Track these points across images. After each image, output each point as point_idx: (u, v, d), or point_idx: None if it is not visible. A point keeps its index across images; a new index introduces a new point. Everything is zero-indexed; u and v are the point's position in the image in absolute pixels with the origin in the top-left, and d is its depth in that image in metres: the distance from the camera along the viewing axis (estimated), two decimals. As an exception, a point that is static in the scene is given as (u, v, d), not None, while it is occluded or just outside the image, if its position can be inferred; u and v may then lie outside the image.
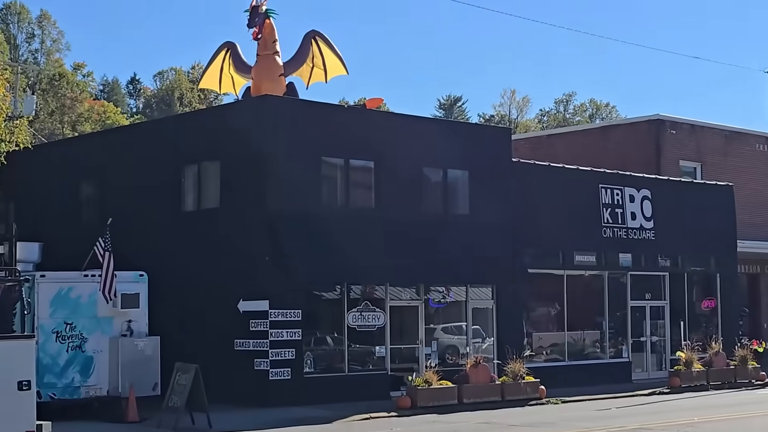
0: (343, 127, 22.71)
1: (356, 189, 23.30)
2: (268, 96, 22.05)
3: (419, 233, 23.10)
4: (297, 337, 20.58)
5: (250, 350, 20.47)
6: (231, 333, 20.68)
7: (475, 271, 24.50)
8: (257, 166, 21.35)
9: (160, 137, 25.13)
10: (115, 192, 24.37)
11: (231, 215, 21.64)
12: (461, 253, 23.89)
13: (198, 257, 21.85)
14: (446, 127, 32.68)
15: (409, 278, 23.40)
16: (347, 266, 21.84)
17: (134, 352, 19.14)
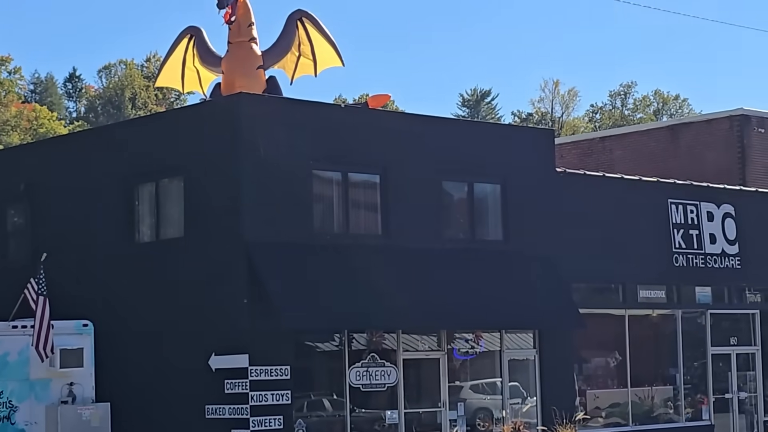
0: (341, 131, 22.50)
1: (358, 210, 22.78)
2: (243, 94, 21.79)
3: (439, 266, 22.83)
4: (285, 401, 20.31)
5: (226, 419, 20.18)
6: (201, 397, 20.41)
7: (512, 312, 24.12)
8: (231, 184, 21.01)
9: (108, 149, 24.74)
10: (51, 219, 24.32)
11: (198, 247, 21.27)
12: (494, 291, 23.72)
13: (157, 300, 21.55)
14: (472, 130, 32.48)
15: (428, 323, 22.86)
16: (348, 309, 21.49)
17: (78, 424, 18.72)
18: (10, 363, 18.90)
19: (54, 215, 24.53)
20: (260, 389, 19.88)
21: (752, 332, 29.96)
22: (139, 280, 22.24)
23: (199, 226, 21.57)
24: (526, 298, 24.38)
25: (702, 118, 43.34)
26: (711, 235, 28.70)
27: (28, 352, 18.95)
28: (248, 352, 19.86)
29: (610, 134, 49.17)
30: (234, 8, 23.32)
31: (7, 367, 18.95)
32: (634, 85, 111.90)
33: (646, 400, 27.30)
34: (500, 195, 24.66)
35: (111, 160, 24.01)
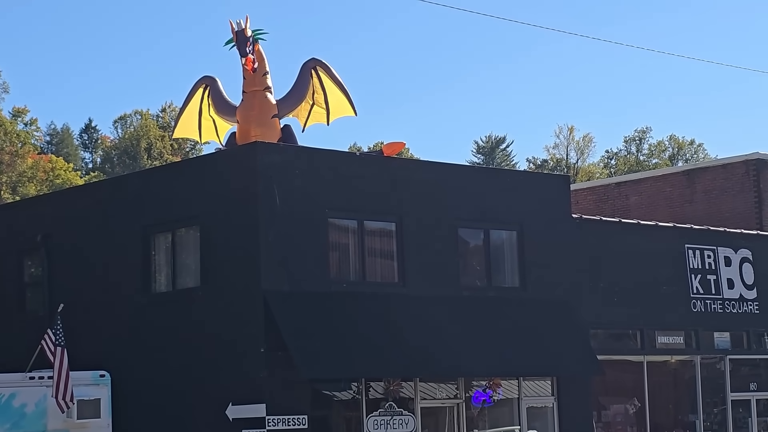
0: (356, 179, 22.76)
1: (374, 258, 22.71)
2: (258, 143, 21.95)
3: (456, 313, 22.95)
4: None
5: None
6: None
7: (530, 359, 24.25)
8: (248, 233, 21.16)
9: (124, 198, 25.01)
10: (68, 270, 24.41)
11: (215, 296, 21.37)
12: (511, 338, 23.84)
13: (174, 351, 21.68)
14: (487, 177, 32.18)
15: (446, 371, 22.92)
16: (365, 358, 21.77)
17: None
18: (27, 414, 18.96)
19: (71, 266, 24.68)
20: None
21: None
22: (156, 330, 22.23)
23: (215, 276, 21.78)
24: (543, 344, 24.43)
25: (718, 162, 43.33)
26: (729, 280, 28.70)
27: (45, 404, 18.97)
28: (265, 401, 19.82)
29: (626, 180, 49.54)
30: (255, 55, 23.84)
31: (25, 418, 19.05)
32: (649, 131, 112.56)
33: None
34: (516, 241, 24.74)
35: (127, 210, 24.11)
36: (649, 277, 27.07)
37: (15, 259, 27.15)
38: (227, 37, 23.92)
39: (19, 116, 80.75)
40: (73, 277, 24.48)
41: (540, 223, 25.07)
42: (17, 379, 19.48)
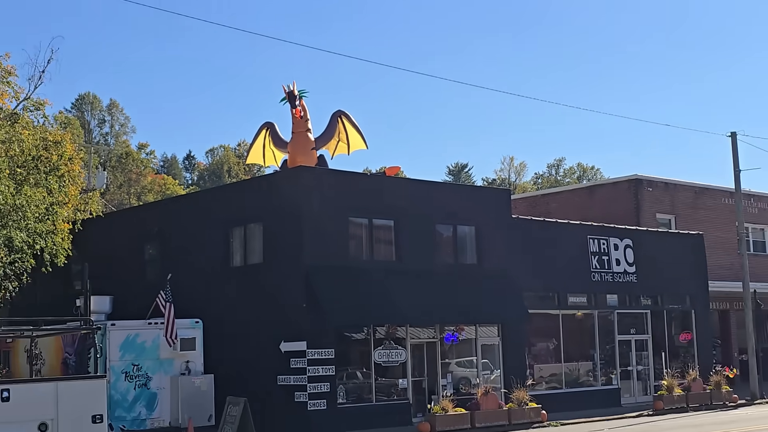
0: (367, 191, 23.06)
1: (379, 244, 23.38)
2: (302, 167, 22.31)
3: (434, 281, 23.20)
4: (331, 373, 20.79)
5: (291, 385, 20.63)
6: (274, 370, 20.81)
7: (484, 312, 24.57)
8: (294, 227, 21.42)
9: (212, 203, 25.49)
10: (174, 251, 24.67)
11: (272, 269, 21.85)
12: (471, 297, 24.02)
13: (245, 306, 21.98)
14: (455, 190, 32.63)
15: (427, 319, 23.35)
16: (373, 311, 22.04)
17: (192, 389, 19.40)
18: (146, 348, 19.32)
19: (176, 248, 24.65)
20: (314, 365, 20.18)
21: (645, 325, 29.59)
22: (233, 291, 22.30)
23: (273, 255, 21.88)
24: (492, 302, 24.30)
25: (609, 181, 43.29)
26: (617, 260, 28.56)
27: (158, 341, 19.33)
28: (306, 339, 20.13)
29: (548, 192, 49.44)
30: (302, 107, 24.11)
31: (145, 350, 19.38)
32: (564, 160, 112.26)
33: (574, 371, 27.23)
34: (475, 234, 24.72)
35: (214, 211, 24.23)
36: (563, 258, 26.99)
37: (138, 245, 27.14)
38: (281, 96, 23.67)
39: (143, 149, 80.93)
40: (177, 256, 24.40)
41: (490, 221, 24.97)
42: (140, 324, 19.77)
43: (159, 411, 19.44)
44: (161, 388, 19.43)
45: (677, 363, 29.69)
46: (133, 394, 19.04)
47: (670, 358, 30.08)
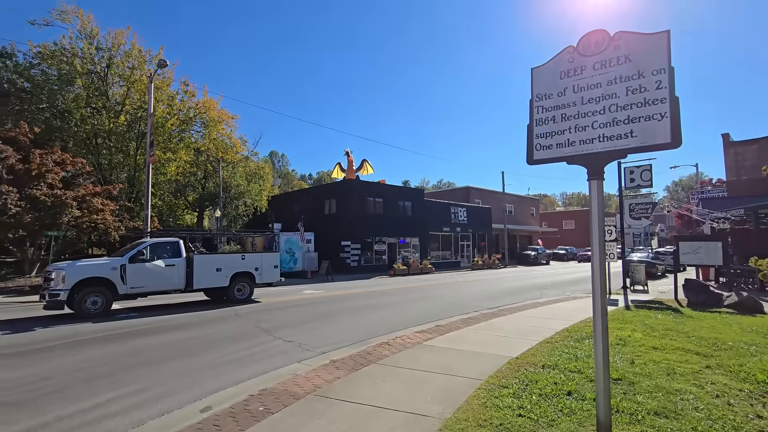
0: (374, 188, 28.63)
1: (377, 206, 28.31)
2: (351, 179, 28.44)
3: (394, 220, 29.63)
4: (358, 252, 27.29)
5: (345, 256, 26.97)
6: (339, 251, 27.22)
7: (413, 232, 30.31)
8: (347, 201, 27.74)
9: (319, 191, 31.24)
10: (306, 209, 30.30)
11: (339, 216, 27.62)
12: (408, 229, 30.37)
13: (329, 228, 27.71)
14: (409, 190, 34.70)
15: (393, 234, 28.81)
16: (374, 231, 28.21)
17: (309, 257, 24.86)
18: (294, 242, 25.72)
19: (307, 208, 30.58)
20: (352, 250, 28.34)
21: (468, 238, 38.10)
22: (326, 224, 28.84)
23: (339, 211, 27.99)
24: (416, 229, 30.84)
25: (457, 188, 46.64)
26: (461, 217, 36.37)
27: (298, 239, 25.73)
28: (350, 240, 27.77)
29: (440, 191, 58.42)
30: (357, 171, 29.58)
31: (294, 243, 25.69)
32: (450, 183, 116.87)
33: (445, 255, 35.94)
34: (411, 206, 31.27)
35: (320, 193, 30.58)
36: (442, 213, 35.57)
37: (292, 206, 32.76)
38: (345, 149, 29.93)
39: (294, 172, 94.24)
40: (307, 210, 30.29)
41: (417, 201, 32.81)
42: (293, 234, 26.16)
43: (298, 265, 24.48)
44: (299, 257, 24.78)
45: (481, 252, 36.58)
46: (288, 259, 24.37)
47: (479, 250, 36.51)
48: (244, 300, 12.63)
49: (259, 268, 13.29)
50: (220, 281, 12.26)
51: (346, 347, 7.07)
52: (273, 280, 13.57)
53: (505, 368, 5.45)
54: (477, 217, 37.64)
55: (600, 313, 3.29)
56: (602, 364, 3.28)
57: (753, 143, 23.11)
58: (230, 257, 12.68)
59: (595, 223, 3.40)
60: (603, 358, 3.28)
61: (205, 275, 11.95)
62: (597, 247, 3.32)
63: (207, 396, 4.90)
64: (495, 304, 12.17)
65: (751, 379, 4.99)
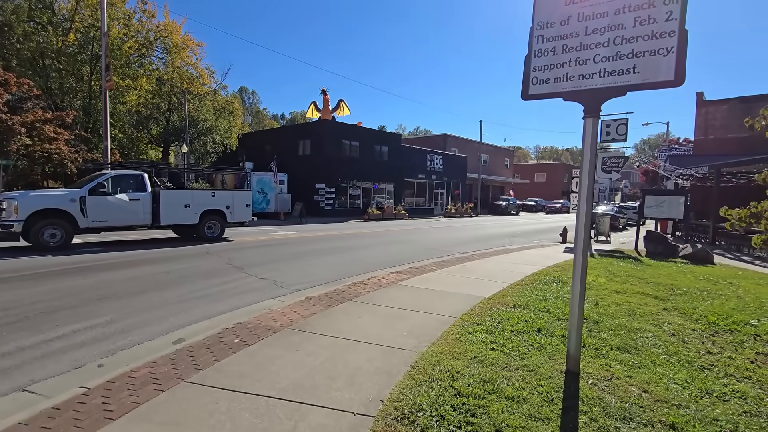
0: (350, 131, 28.14)
1: (353, 149, 27.99)
2: (326, 120, 27.68)
3: (371, 162, 29.25)
4: (333, 195, 26.97)
5: (319, 199, 26.47)
6: (312, 193, 26.74)
7: (387, 177, 30.21)
8: (322, 141, 27.05)
9: (294, 130, 30.85)
10: (279, 148, 29.51)
11: (313, 158, 27.08)
12: (384, 172, 30.11)
13: (303, 169, 27.16)
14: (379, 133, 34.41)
15: (368, 178, 28.88)
16: (350, 173, 28.00)
17: (282, 198, 24.23)
18: (266, 182, 24.98)
19: (280, 147, 29.79)
20: (326, 193, 27.94)
21: (443, 186, 37.96)
22: (302, 164, 27.73)
23: (313, 152, 27.72)
24: (391, 174, 31.19)
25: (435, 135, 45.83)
26: (437, 164, 36.05)
27: (271, 180, 25.00)
28: (324, 183, 27.10)
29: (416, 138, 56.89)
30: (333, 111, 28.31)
31: (266, 183, 25.04)
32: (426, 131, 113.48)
33: (420, 203, 36.86)
34: (387, 150, 30.83)
35: (294, 133, 29.76)
36: (419, 161, 35.63)
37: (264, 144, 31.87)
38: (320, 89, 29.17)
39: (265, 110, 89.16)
40: (281, 149, 29.14)
41: (392, 146, 32.09)
42: (264, 174, 25.58)
43: (270, 206, 23.93)
44: (271, 197, 24.14)
45: (455, 200, 36.66)
46: (261, 199, 23.72)
47: (452, 198, 36.64)
48: (214, 238, 12.35)
49: (231, 207, 12.88)
50: (189, 218, 11.84)
51: (321, 285, 6.99)
52: (245, 219, 13.16)
53: (478, 307, 5.54)
54: (453, 165, 37.43)
55: (581, 254, 3.39)
56: (578, 300, 3.43)
57: (724, 103, 23.47)
58: (199, 193, 12.21)
59: (586, 165, 3.34)
60: (579, 298, 3.42)
61: (173, 211, 11.51)
62: (585, 188, 3.28)
63: (179, 329, 4.78)
64: (467, 249, 12.32)
65: (703, 320, 5.33)
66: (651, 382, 3.47)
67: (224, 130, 30.63)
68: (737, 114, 23.42)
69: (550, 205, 45.94)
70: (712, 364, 3.95)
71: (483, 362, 3.71)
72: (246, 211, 13.06)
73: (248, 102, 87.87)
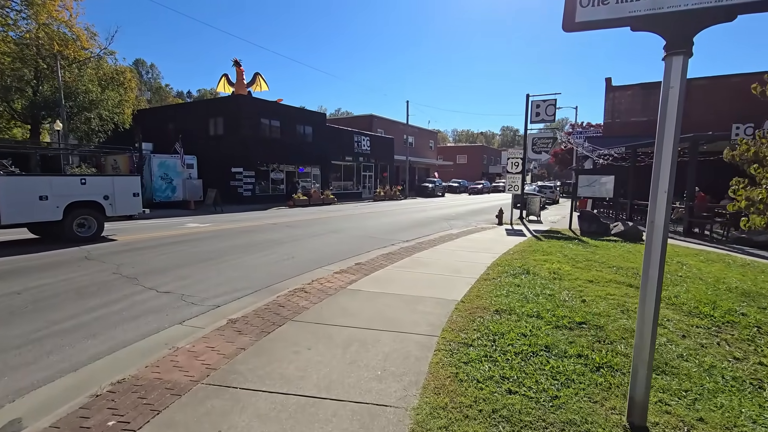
0: (270, 108, 26.08)
1: (274, 130, 25.82)
2: (241, 95, 25.35)
3: (294, 144, 26.70)
4: (252, 180, 24.66)
5: (236, 184, 24.25)
6: (228, 178, 24.55)
7: (314, 160, 28.89)
8: (239, 120, 24.64)
9: (203, 107, 27.28)
10: (185, 126, 27.07)
11: (228, 138, 24.79)
12: (309, 154, 28.73)
13: (215, 152, 24.95)
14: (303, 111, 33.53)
15: (292, 161, 27.10)
16: (270, 155, 25.61)
17: (192, 184, 22.30)
18: (171, 166, 22.58)
19: (186, 125, 27.21)
20: (246, 177, 25.98)
21: (370, 169, 36.99)
22: (211, 146, 25.58)
23: (228, 131, 25.05)
24: (317, 157, 29.95)
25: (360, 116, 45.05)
26: (364, 145, 35.13)
27: (177, 163, 22.67)
28: (242, 167, 25.24)
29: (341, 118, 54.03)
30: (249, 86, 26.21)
31: (170, 168, 22.65)
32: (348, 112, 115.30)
33: (347, 185, 35.36)
34: (312, 131, 29.38)
35: (204, 110, 26.63)
36: (347, 141, 34.64)
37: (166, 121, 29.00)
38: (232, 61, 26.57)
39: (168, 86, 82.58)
40: (187, 128, 26.50)
41: (319, 127, 30.73)
42: (167, 156, 22.84)
43: (177, 194, 21.95)
44: (179, 184, 22.05)
45: (384, 182, 36.16)
46: (165, 186, 21.80)
47: (381, 181, 36.31)
48: (89, 238, 10.28)
49: (110, 197, 10.82)
50: (48, 213, 9.62)
51: (247, 296, 5.65)
52: (133, 211, 11.22)
53: (456, 316, 4.68)
54: (380, 147, 36.81)
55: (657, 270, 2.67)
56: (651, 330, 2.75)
57: (628, 89, 25.35)
58: (60, 180, 9.98)
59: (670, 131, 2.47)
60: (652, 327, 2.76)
61: (21, 205, 9.22)
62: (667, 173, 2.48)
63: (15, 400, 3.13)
64: (410, 236, 11.75)
65: (696, 312, 5.12)
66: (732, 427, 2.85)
67: (113, 105, 26.55)
68: (639, 99, 24.80)
69: (472, 186, 47.95)
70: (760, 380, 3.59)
71: (509, 420, 2.78)
72: (133, 201, 11.16)
73: (147, 77, 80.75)
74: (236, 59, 26.83)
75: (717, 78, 21.63)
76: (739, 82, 20.66)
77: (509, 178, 15.57)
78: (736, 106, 19.85)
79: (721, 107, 20.64)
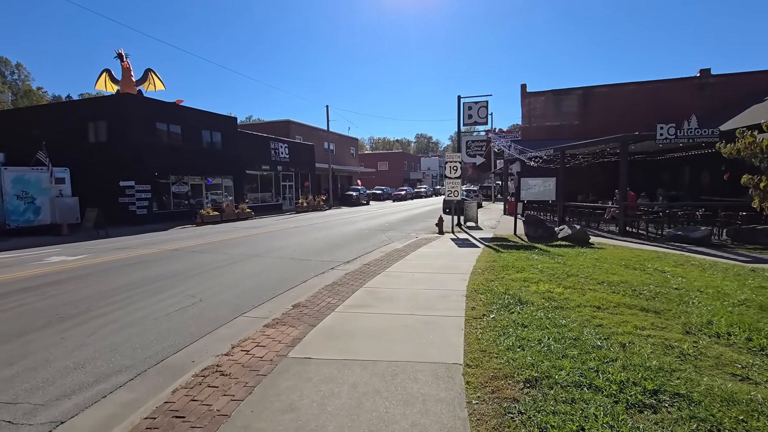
0: (168, 111, 22.97)
1: (174, 136, 23.73)
2: (129, 93, 22.33)
3: (202, 153, 25.15)
4: (149, 196, 22.03)
5: (127, 201, 21.20)
6: (117, 194, 21.34)
7: (224, 169, 26.79)
8: (127, 124, 21.75)
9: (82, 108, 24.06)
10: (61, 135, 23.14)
11: (114, 146, 21.80)
12: (219, 165, 26.59)
13: (96, 163, 21.77)
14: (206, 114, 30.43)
15: (196, 172, 24.73)
16: (175, 166, 23.39)
17: (64, 203, 19.31)
18: (32, 182, 19.61)
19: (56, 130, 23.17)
20: (139, 192, 22.47)
21: (292, 179, 36.81)
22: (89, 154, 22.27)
23: (113, 138, 22.36)
24: (229, 167, 27.69)
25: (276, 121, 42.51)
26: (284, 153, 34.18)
27: (40, 178, 19.67)
28: (134, 180, 22.17)
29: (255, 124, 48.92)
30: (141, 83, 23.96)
31: (30, 183, 19.62)
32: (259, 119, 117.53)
33: (266, 197, 32.75)
34: (220, 136, 27.35)
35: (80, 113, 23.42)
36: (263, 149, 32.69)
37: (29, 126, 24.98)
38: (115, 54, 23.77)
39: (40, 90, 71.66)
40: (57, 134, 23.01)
41: (228, 132, 27.94)
42: (26, 169, 19.73)
43: (43, 216, 18.74)
44: (43, 204, 18.85)
45: (305, 192, 34.47)
46: (23, 207, 18.56)
47: (303, 190, 34.58)
48: None
49: None
50: None
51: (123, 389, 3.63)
52: None
53: (477, 403, 3.10)
54: (300, 154, 35.63)
55: None
56: None
57: (542, 95, 26.80)
58: None
59: None
60: None
61: None
62: None
63: None
64: (349, 254, 10.30)
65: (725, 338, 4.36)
66: None
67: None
68: (551, 104, 26.20)
69: (396, 193, 48.22)
70: None
71: None
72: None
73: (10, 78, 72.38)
74: (120, 51, 23.75)
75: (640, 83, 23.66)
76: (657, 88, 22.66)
77: (448, 182, 15.12)
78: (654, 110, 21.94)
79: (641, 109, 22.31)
